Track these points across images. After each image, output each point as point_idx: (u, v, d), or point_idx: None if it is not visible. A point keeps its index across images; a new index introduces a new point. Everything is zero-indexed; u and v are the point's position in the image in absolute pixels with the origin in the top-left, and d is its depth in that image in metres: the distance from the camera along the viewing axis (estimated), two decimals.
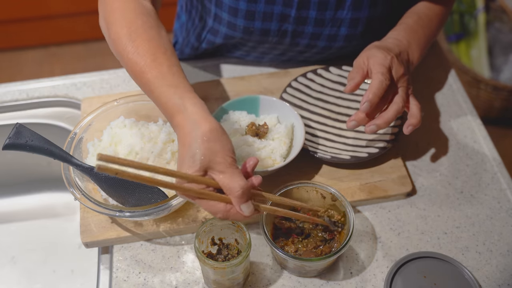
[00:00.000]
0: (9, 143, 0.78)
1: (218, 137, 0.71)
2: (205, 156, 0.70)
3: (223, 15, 0.99)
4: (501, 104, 2.06)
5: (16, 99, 1.10)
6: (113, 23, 0.82)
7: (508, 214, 0.93)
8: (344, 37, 1.01)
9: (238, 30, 1.00)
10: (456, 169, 0.99)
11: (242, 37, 1.01)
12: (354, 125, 0.88)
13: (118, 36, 0.81)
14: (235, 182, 0.70)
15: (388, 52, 0.89)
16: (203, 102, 0.74)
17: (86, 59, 2.42)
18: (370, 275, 0.86)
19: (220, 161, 0.70)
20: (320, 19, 0.98)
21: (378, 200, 0.94)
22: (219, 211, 0.71)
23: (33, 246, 1.12)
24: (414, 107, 0.89)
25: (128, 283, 0.86)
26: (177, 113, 0.74)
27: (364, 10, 0.97)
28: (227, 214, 0.72)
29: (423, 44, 0.97)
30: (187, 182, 0.70)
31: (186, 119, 0.72)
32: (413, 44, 0.95)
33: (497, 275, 0.86)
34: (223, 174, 0.70)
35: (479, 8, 2.13)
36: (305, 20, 0.98)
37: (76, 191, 0.84)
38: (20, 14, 2.31)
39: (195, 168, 0.70)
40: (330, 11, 0.97)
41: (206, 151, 0.70)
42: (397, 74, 0.88)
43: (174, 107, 0.74)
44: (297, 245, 0.85)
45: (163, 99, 0.76)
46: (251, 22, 0.98)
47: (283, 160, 0.92)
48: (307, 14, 0.97)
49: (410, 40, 0.95)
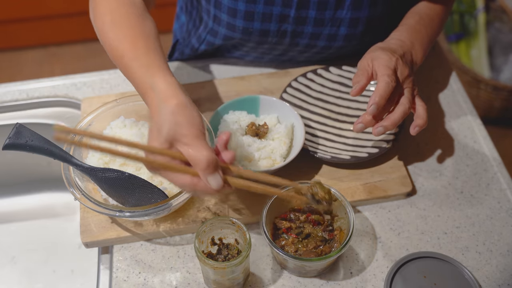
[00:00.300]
0: (9, 143, 0.78)
1: (185, 111, 0.71)
2: (170, 129, 0.70)
3: (222, 16, 0.99)
4: (501, 104, 2.06)
5: (16, 99, 1.10)
6: (98, 12, 0.85)
7: (508, 214, 0.93)
8: (344, 37, 1.00)
9: (237, 31, 1.00)
10: (456, 169, 0.99)
11: (242, 37, 1.01)
12: (362, 127, 0.88)
13: (102, 24, 0.84)
14: (200, 153, 0.69)
15: (392, 54, 0.89)
16: (175, 79, 0.75)
17: (86, 59, 2.42)
18: (370, 275, 0.86)
19: (186, 134, 0.70)
20: (320, 19, 0.97)
21: (378, 200, 0.94)
22: (186, 183, 0.71)
23: (33, 246, 1.12)
24: (420, 108, 0.89)
25: (128, 283, 0.86)
26: (148, 91, 0.75)
27: (364, 10, 0.97)
28: (195, 187, 0.71)
29: (426, 44, 0.97)
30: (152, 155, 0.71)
31: (156, 96, 0.73)
32: (416, 45, 0.95)
33: (497, 275, 0.86)
34: (188, 146, 0.70)
35: (479, 8, 2.13)
36: (304, 20, 0.98)
37: (76, 191, 0.84)
38: (20, 14, 2.31)
39: (160, 140, 0.70)
40: (330, 11, 0.96)
41: (172, 124, 0.70)
42: (402, 75, 0.88)
43: (146, 85, 0.76)
44: (297, 245, 0.85)
45: (137, 80, 0.78)
46: (250, 22, 0.98)
47: (283, 160, 0.92)
48: (306, 14, 0.97)
49: (413, 41, 0.95)
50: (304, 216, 0.86)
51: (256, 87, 1.08)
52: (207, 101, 1.06)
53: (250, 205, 0.91)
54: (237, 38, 1.02)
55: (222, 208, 0.91)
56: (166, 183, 0.87)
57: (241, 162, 0.91)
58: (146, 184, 0.83)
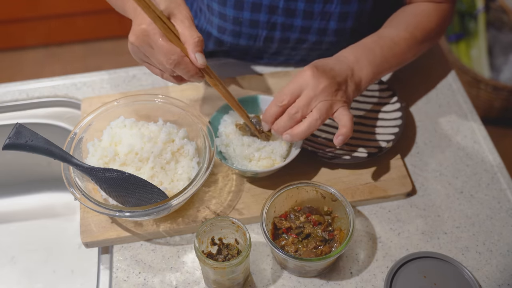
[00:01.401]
0: (9, 143, 0.78)
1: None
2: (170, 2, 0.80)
3: (213, 5, 1.01)
4: (501, 104, 2.06)
5: (16, 99, 1.10)
6: None
7: (508, 214, 0.93)
8: (334, 32, 1.01)
9: (228, 21, 1.01)
10: (456, 169, 0.99)
11: (233, 29, 1.02)
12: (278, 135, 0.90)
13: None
14: (193, 31, 0.80)
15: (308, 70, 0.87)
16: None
17: (86, 59, 2.42)
18: (370, 275, 0.86)
19: (183, 11, 0.80)
20: (309, 11, 0.98)
21: (378, 200, 0.94)
22: (175, 52, 0.79)
23: (33, 246, 1.12)
24: (345, 117, 0.86)
25: (128, 283, 0.86)
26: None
27: (353, 4, 0.97)
28: (181, 59, 0.79)
29: (378, 63, 0.93)
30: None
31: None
32: (362, 60, 0.92)
33: (497, 275, 0.86)
34: (183, 23, 0.80)
35: (479, 8, 2.13)
36: (293, 12, 0.99)
37: (76, 191, 0.84)
38: (20, 14, 2.31)
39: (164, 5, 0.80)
40: (319, 4, 0.97)
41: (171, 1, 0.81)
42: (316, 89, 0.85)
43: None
44: (297, 245, 0.85)
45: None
46: (240, 12, 0.99)
47: (283, 160, 0.92)
48: (295, 6, 0.98)
49: (358, 56, 0.92)
50: (304, 216, 0.86)
51: (256, 87, 1.08)
52: (207, 101, 1.06)
53: (250, 205, 0.92)
54: (229, 29, 1.02)
55: (222, 208, 0.91)
56: (166, 183, 0.87)
57: (241, 162, 0.91)
58: (146, 184, 0.83)
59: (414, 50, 0.99)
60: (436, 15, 1.00)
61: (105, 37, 2.46)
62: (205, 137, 0.89)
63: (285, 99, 0.87)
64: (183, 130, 0.92)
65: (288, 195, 0.86)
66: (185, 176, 0.88)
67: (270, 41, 1.04)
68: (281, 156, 0.92)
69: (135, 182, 0.83)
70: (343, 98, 0.88)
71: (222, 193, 0.93)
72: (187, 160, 0.90)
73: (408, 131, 1.04)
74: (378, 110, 1.03)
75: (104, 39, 2.47)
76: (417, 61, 1.12)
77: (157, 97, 0.95)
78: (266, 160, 0.91)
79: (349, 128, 0.86)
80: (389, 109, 1.02)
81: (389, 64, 0.96)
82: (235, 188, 0.94)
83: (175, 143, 0.90)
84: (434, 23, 1.00)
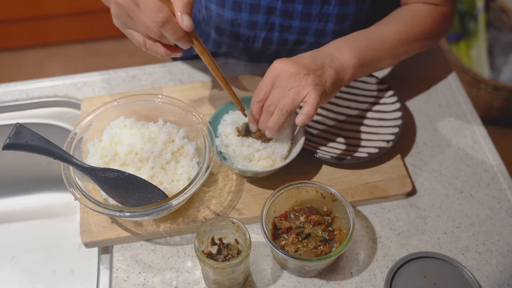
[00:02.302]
0: (9, 143, 0.78)
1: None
2: None
3: (211, 7, 1.01)
4: (501, 104, 2.06)
5: (16, 99, 1.10)
6: None
7: (508, 214, 0.93)
8: (332, 33, 1.01)
9: (226, 22, 1.01)
10: (456, 169, 0.99)
11: (231, 30, 1.02)
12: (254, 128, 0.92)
13: None
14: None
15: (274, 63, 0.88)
16: None
17: (86, 59, 2.42)
18: (370, 275, 0.86)
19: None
20: (307, 13, 0.98)
21: (378, 200, 0.94)
22: (163, 9, 0.75)
23: (33, 246, 1.12)
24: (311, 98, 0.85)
25: (128, 283, 0.86)
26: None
27: (350, 6, 0.97)
28: (169, 18, 0.76)
29: (364, 49, 0.93)
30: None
31: None
32: (343, 47, 0.92)
33: (497, 275, 0.86)
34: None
35: (479, 8, 2.13)
36: (291, 13, 0.99)
37: (76, 191, 0.84)
38: (20, 14, 2.31)
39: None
40: (316, 6, 0.97)
41: None
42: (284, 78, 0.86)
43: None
44: (297, 245, 0.85)
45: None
46: (238, 13, 0.99)
47: (283, 160, 0.92)
48: (293, 8, 0.98)
49: (340, 45, 0.92)
50: (304, 216, 0.86)
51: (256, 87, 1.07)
52: (207, 101, 1.06)
53: (250, 205, 0.92)
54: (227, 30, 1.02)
55: (222, 208, 0.91)
56: (166, 183, 0.87)
57: (241, 162, 0.91)
58: (146, 184, 0.83)
59: (406, 46, 0.97)
60: (431, 16, 0.99)
61: (105, 37, 2.46)
62: (205, 137, 0.89)
63: (260, 95, 0.88)
64: (183, 130, 0.92)
65: (288, 195, 0.86)
66: (185, 176, 0.88)
67: (268, 43, 1.04)
68: (282, 157, 0.92)
69: (135, 182, 0.83)
70: (315, 81, 0.86)
71: (222, 193, 0.93)
72: (187, 160, 0.90)
73: (408, 131, 1.04)
74: (378, 110, 1.03)
75: (104, 39, 2.47)
76: (417, 61, 1.12)
77: (157, 97, 0.95)
78: (266, 160, 0.91)
79: (312, 106, 0.84)
80: (389, 109, 1.02)
81: (377, 53, 0.94)
82: (235, 188, 0.94)
83: (175, 143, 0.90)
84: (429, 24, 0.99)
